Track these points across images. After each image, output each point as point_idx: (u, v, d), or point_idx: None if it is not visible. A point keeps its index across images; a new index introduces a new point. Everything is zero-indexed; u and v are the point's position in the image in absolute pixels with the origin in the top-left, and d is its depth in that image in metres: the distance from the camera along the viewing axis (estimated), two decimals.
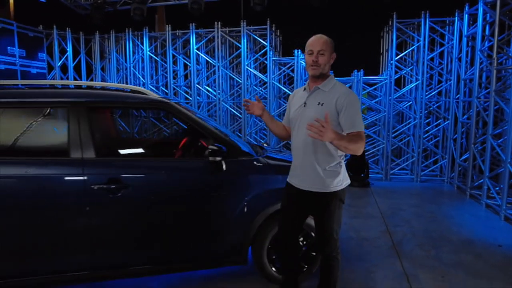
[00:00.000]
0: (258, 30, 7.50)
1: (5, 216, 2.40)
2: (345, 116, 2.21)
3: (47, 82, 3.01)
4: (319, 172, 2.30)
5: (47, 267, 2.53)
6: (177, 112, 2.86)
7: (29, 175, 2.43)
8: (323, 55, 2.25)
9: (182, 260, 2.82)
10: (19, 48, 6.94)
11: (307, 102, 2.35)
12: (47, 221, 2.46)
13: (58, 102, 2.65)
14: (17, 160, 2.48)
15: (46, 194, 2.45)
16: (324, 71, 2.28)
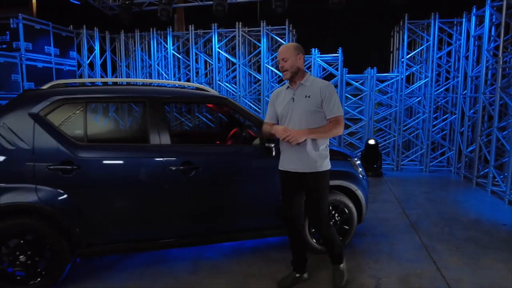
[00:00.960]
0: (276, 29, 7.95)
1: (106, 191, 2.89)
2: (326, 104, 2.64)
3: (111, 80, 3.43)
4: (312, 155, 2.69)
5: (137, 235, 3.04)
6: (234, 106, 3.37)
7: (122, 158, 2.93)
8: (286, 61, 2.66)
9: (239, 231, 3.31)
10: (54, 47, 7.40)
11: (295, 97, 2.73)
12: (137, 196, 2.96)
13: (140, 97, 3.14)
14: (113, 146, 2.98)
15: (134, 175, 2.95)
16: (294, 71, 2.68)
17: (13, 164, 2.77)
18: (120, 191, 2.95)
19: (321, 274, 3.20)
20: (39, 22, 7.03)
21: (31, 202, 2.75)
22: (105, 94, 3.13)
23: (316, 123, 2.66)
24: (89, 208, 2.88)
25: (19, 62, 6.59)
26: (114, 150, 2.98)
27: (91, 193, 2.88)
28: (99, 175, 2.90)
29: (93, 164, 2.88)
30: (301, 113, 2.67)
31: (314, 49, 7.46)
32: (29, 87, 6.78)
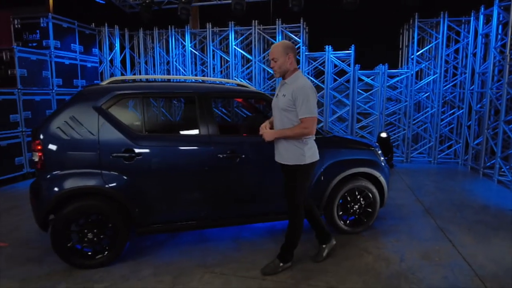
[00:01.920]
0: (290, 27, 8.27)
1: (162, 176, 3.26)
2: (296, 105, 2.80)
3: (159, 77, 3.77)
4: (286, 150, 2.93)
5: (188, 215, 3.40)
6: (270, 100, 3.72)
7: (175, 146, 3.30)
8: (276, 61, 2.85)
9: (276, 213, 3.68)
10: (79, 44, 7.73)
11: (278, 94, 2.98)
12: (188, 180, 3.32)
13: (191, 93, 3.49)
14: (167, 136, 3.35)
15: (186, 162, 3.32)
16: (283, 70, 2.86)
17: (82, 152, 3.13)
18: (173, 176, 3.31)
19: (346, 252, 3.58)
20: (66, 20, 7.36)
21: (97, 186, 3.12)
22: (159, 90, 3.49)
23: (289, 121, 2.88)
24: (147, 191, 3.25)
25: (49, 60, 6.93)
26: (169, 140, 3.35)
27: (149, 178, 3.25)
28: (156, 162, 3.26)
29: (151, 152, 3.24)
30: (279, 110, 2.93)
31: (327, 46, 7.79)
32: (57, 83, 7.12)
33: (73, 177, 3.09)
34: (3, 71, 6.30)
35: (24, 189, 5.83)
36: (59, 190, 3.04)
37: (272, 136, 2.93)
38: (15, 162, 6.27)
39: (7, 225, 4.31)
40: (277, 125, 2.99)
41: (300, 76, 2.91)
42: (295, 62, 2.92)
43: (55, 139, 3.09)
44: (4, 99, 6.04)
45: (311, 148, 2.97)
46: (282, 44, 2.88)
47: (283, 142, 2.94)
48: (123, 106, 3.31)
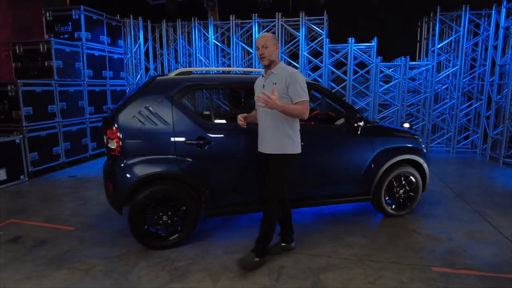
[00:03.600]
0: (313, 19, 8.42)
1: (230, 161, 3.48)
2: (292, 90, 2.83)
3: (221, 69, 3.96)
4: (277, 138, 2.93)
5: (252, 198, 3.62)
6: (325, 90, 3.94)
7: (241, 134, 3.51)
8: (266, 48, 2.85)
9: (332, 196, 3.92)
10: (107, 36, 7.85)
11: (265, 85, 2.96)
12: (253, 165, 3.52)
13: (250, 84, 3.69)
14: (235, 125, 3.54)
15: (251, 148, 3.52)
16: (271, 58, 2.88)
17: (158, 139, 3.33)
18: (239, 161, 3.52)
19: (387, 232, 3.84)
20: (96, 12, 7.48)
21: (173, 171, 3.33)
22: (225, 82, 3.69)
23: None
24: (216, 175, 3.46)
25: (81, 51, 7.06)
26: (235, 128, 3.54)
27: (219, 163, 3.46)
28: (225, 148, 3.47)
29: (220, 139, 3.45)
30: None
31: (351, 38, 7.98)
32: (88, 74, 7.27)
33: (151, 163, 3.29)
34: (40, 63, 6.44)
35: (64, 178, 6.04)
36: (139, 175, 3.24)
37: (280, 106, 2.73)
38: (52, 152, 6.44)
39: (64, 211, 4.52)
40: (265, 118, 2.98)
41: (286, 65, 3.00)
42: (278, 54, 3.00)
43: (132, 127, 3.28)
44: (43, 90, 6.19)
45: (298, 136, 3.03)
46: (271, 34, 2.96)
47: (273, 130, 2.95)
48: (193, 96, 3.50)
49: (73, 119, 6.88)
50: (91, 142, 7.34)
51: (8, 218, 4.27)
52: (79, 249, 3.49)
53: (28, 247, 3.51)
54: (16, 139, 5.73)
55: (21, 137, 5.82)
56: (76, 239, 3.71)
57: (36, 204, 4.76)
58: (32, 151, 6.01)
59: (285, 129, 2.93)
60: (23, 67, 6.52)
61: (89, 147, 7.31)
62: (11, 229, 3.95)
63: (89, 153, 7.32)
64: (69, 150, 6.78)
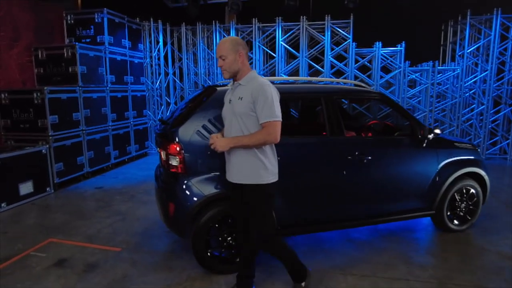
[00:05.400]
0: (339, 23, 8.22)
1: (296, 177, 3.24)
2: (257, 108, 2.31)
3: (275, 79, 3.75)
4: (243, 162, 2.40)
5: (319, 216, 3.40)
6: (390, 101, 3.73)
7: (308, 148, 3.29)
8: (224, 59, 2.36)
9: (396, 213, 3.70)
10: (128, 40, 7.58)
11: (231, 99, 2.46)
12: (320, 181, 3.32)
13: (318, 94, 3.47)
14: (300, 137, 3.33)
15: (318, 163, 3.31)
16: (232, 70, 2.39)
17: (224, 155, 3.08)
18: (307, 177, 3.30)
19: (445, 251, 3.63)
20: (118, 15, 7.21)
21: None
22: (290, 92, 3.46)
23: (249, 128, 2.38)
24: (282, 193, 3.23)
25: (103, 56, 6.79)
26: (303, 141, 3.33)
27: (287, 180, 3.22)
28: (294, 164, 3.24)
29: (288, 154, 3.21)
30: (235, 116, 2.41)
31: (378, 42, 7.79)
32: (111, 79, 7.00)
33: (217, 181, 3.05)
34: (63, 68, 6.16)
35: (91, 190, 5.77)
36: (205, 194, 3.00)
37: (227, 144, 2.36)
38: (77, 161, 6.16)
39: (104, 228, 4.25)
40: (237, 133, 2.44)
41: (257, 75, 2.47)
42: (247, 61, 2.47)
43: (196, 142, 3.04)
44: (68, 97, 5.91)
45: (273, 162, 2.48)
46: (231, 40, 2.41)
47: (238, 154, 2.42)
48: None
49: (97, 127, 6.60)
50: (113, 150, 7.07)
51: (46, 237, 4.00)
52: (135, 274, 3.23)
53: (79, 272, 3.25)
54: (42, 149, 5.45)
55: (47, 147, 5.54)
56: (127, 262, 3.45)
57: (72, 220, 4.48)
58: (58, 162, 5.73)
59: (254, 152, 2.39)
60: (46, 73, 6.24)
61: (111, 156, 7.03)
62: (53, 250, 3.68)
63: (111, 162, 7.04)
64: (93, 159, 6.50)
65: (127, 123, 7.56)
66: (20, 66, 6.14)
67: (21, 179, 5.10)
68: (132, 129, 7.73)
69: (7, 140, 5.80)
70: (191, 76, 9.09)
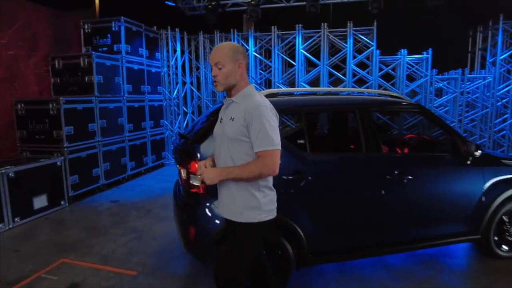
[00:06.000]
0: (361, 30, 7.92)
1: (329, 198, 2.94)
2: (251, 133, 1.89)
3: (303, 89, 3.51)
4: (242, 196, 1.99)
5: (356, 241, 3.08)
6: (430, 114, 3.40)
7: (342, 166, 2.99)
8: (221, 68, 1.94)
9: (436, 237, 3.34)
10: (145, 48, 7.44)
11: (223, 118, 2.06)
12: (356, 203, 3.01)
13: (351, 106, 3.17)
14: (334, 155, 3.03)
15: (353, 182, 3.00)
16: (228, 83, 1.97)
17: None
18: (345, 199, 3.00)
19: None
20: (135, 24, 7.08)
21: None
22: (319, 104, 3.17)
23: (241, 157, 1.96)
24: (316, 216, 2.93)
25: (120, 65, 6.64)
26: (335, 159, 3.03)
27: (318, 202, 2.94)
28: (325, 184, 2.95)
29: (319, 173, 2.93)
30: (226, 140, 2.00)
31: (403, 50, 7.46)
32: (128, 89, 6.84)
33: None
34: (80, 78, 6.02)
35: (106, 203, 5.58)
36: None
37: (216, 177, 1.94)
38: (92, 174, 5.98)
39: (119, 248, 4.01)
40: (222, 162, 2.05)
41: (254, 92, 2.01)
42: (246, 74, 2.05)
43: None
44: (84, 108, 5.76)
45: (268, 196, 2.05)
46: (231, 46, 2.00)
47: (227, 185, 2.03)
48: (284, 122, 3.00)
49: (113, 138, 6.43)
50: (130, 162, 6.88)
51: (59, 256, 3.77)
52: None
53: None
54: (57, 162, 5.28)
55: (62, 159, 5.37)
56: None
57: (86, 238, 4.26)
58: (73, 174, 5.55)
59: (245, 184, 1.98)
60: (62, 82, 6.11)
61: (127, 167, 6.84)
62: (65, 272, 3.45)
63: (128, 174, 6.85)
64: (109, 171, 6.32)
65: (144, 134, 7.38)
66: (37, 76, 6.03)
67: (35, 192, 4.93)
68: (149, 140, 7.55)
69: (22, 151, 5.66)
70: (208, 85, 8.91)
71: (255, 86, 3.05)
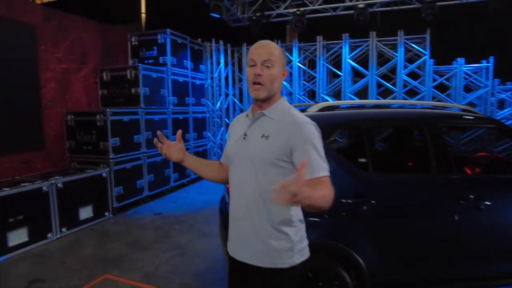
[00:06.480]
0: (413, 39, 7.49)
1: (393, 223, 2.63)
2: (298, 156, 1.53)
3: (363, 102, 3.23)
4: (269, 234, 1.58)
5: (424, 273, 2.72)
6: (506, 128, 2.98)
7: (408, 188, 2.66)
8: (269, 67, 1.57)
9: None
10: (190, 61, 7.46)
11: (248, 133, 1.67)
12: (424, 230, 2.66)
13: (418, 121, 2.85)
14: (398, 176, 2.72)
15: (421, 207, 2.66)
16: (271, 92, 1.61)
17: None
18: (406, 225, 2.66)
19: None
20: (180, 36, 7.12)
21: (325, 239, 2.53)
22: (384, 119, 2.88)
23: (271, 184, 1.37)
24: (376, 244, 2.62)
25: (166, 77, 6.67)
26: (402, 180, 2.71)
27: (380, 227, 2.62)
28: (388, 208, 2.63)
29: (382, 196, 2.62)
30: (253, 161, 1.60)
31: (460, 58, 6.94)
32: (173, 101, 6.85)
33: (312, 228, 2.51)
34: (126, 90, 6.09)
35: (149, 216, 5.53)
36: None
37: (305, 199, 1.26)
38: (136, 185, 5.99)
39: (162, 264, 3.87)
40: (241, 188, 1.65)
41: (291, 106, 1.69)
42: None
43: None
44: (130, 119, 5.80)
45: (301, 231, 1.66)
46: (280, 48, 1.65)
47: (251, 217, 1.61)
48: (343, 138, 2.73)
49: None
50: (173, 173, 6.86)
51: (103, 271, 3.70)
52: None
53: None
54: (103, 173, 5.32)
55: (108, 170, 5.40)
56: None
57: (129, 253, 4.19)
58: (118, 185, 5.57)
59: (280, 219, 1.58)
60: (109, 94, 6.22)
61: (171, 179, 6.82)
62: None
63: (171, 185, 6.82)
64: (153, 182, 6.31)
65: (187, 145, 7.36)
66: (86, 88, 6.18)
67: (81, 203, 4.97)
68: (192, 151, 7.52)
69: (71, 161, 5.78)
70: (251, 97, 8.79)
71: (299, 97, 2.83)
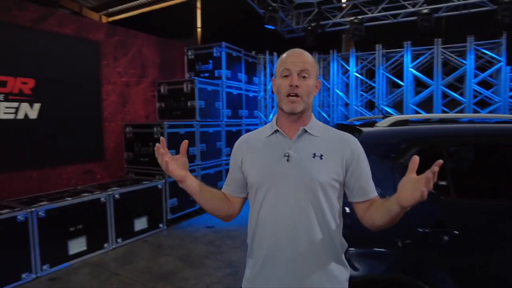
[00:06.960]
0: (484, 44, 6.84)
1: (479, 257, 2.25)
2: (359, 177, 1.44)
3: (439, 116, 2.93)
4: (331, 259, 1.43)
5: None
6: None
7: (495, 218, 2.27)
8: (306, 78, 1.41)
9: None
10: (244, 74, 7.44)
11: (291, 154, 1.44)
12: None
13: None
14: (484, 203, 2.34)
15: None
16: (307, 105, 1.44)
17: None
18: (498, 261, 2.26)
19: None
20: (235, 49, 7.12)
21: (395, 274, 2.21)
22: (469, 135, 2.51)
23: (325, 207, 1.40)
24: (459, 281, 2.24)
25: (220, 90, 6.68)
26: (492, 208, 2.32)
27: (465, 263, 2.25)
28: (475, 240, 2.26)
29: (468, 226, 2.25)
30: (306, 184, 1.40)
31: None
32: (227, 114, 6.83)
33: (361, 258, 2.23)
34: (183, 103, 6.17)
35: (202, 229, 5.49)
36: (364, 275, 2.20)
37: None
38: (190, 197, 5.94)
39: (213, 284, 3.74)
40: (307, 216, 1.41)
41: (322, 123, 1.57)
42: None
43: None
44: (186, 132, 5.83)
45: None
46: (313, 58, 1.51)
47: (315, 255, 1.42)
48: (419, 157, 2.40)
49: (211, 161, 6.42)
50: None
51: (154, 287, 3.65)
52: None
53: None
54: (158, 184, 5.37)
55: (163, 182, 5.44)
56: None
57: (181, 268, 4.11)
58: (172, 197, 5.60)
59: (338, 250, 1.46)
60: (166, 107, 6.34)
61: None
62: None
63: None
64: None
65: None
66: (144, 101, 6.35)
67: (136, 214, 5.03)
68: None
69: (128, 172, 5.93)
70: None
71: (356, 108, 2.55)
